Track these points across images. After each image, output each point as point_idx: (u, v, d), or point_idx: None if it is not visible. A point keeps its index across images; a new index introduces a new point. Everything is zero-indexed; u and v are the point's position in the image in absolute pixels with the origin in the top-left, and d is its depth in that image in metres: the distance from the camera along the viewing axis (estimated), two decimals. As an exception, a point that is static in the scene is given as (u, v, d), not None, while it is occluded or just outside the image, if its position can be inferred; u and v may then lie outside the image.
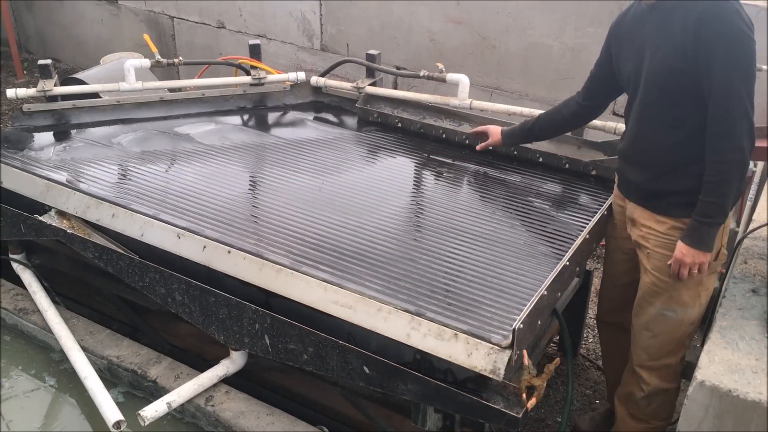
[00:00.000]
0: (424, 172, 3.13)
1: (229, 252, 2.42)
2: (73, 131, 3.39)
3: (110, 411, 2.36)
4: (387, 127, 3.48)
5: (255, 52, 3.85)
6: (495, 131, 2.96)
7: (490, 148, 3.02)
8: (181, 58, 3.69)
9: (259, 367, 2.67)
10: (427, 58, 4.80)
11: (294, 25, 5.40)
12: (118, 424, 2.31)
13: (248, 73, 3.77)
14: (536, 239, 2.54)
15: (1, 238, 2.95)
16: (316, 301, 2.25)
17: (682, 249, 2.20)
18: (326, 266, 2.36)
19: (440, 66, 3.33)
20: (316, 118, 3.63)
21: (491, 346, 1.99)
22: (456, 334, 2.04)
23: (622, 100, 2.47)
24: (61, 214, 2.79)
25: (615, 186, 2.57)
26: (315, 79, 3.77)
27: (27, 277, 2.99)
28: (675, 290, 2.32)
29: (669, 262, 2.26)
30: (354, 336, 2.22)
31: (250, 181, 3.01)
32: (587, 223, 2.57)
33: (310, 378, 2.56)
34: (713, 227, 2.17)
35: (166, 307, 2.55)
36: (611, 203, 2.63)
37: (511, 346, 1.98)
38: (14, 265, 3.06)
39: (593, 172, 2.97)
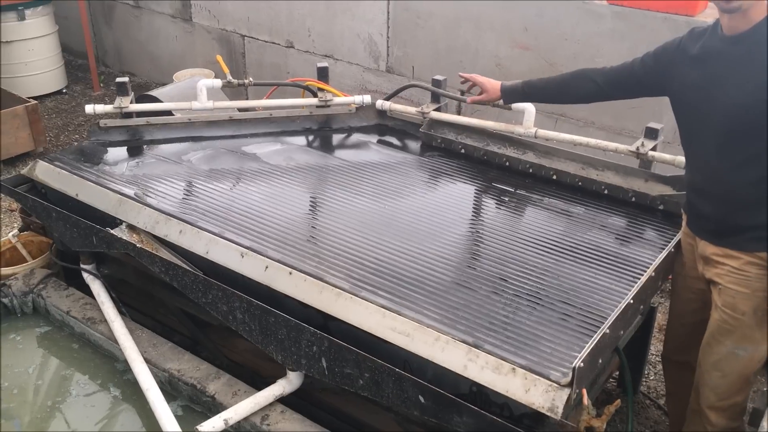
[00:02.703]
0: (485, 199, 3.11)
1: (290, 273, 2.46)
2: (146, 147, 3.51)
3: (169, 424, 2.42)
4: (450, 152, 3.49)
5: (323, 74, 3.91)
6: (492, 87, 2.96)
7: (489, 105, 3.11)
8: (251, 78, 3.78)
9: (314, 387, 2.69)
10: (492, 83, 4.78)
11: (361, 46, 5.47)
12: (176, 438, 2.37)
13: (315, 95, 3.83)
14: (599, 274, 2.49)
15: (74, 248, 3.06)
16: (374, 326, 2.26)
17: None
18: (385, 292, 2.37)
19: (506, 93, 3.31)
20: (379, 141, 3.66)
21: (550, 383, 1.97)
22: (514, 369, 2.02)
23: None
24: (132, 228, 2.88)
25: (684, 223, 2.51)
26: (380, 103, 3.81)
27: (96, 287, 3.10)
28: (748, 328, 2.26)
29: None
30: (410, 364, 2.22)
31: (313, 202, 3.05)
32: (653, 260, 2.52)
33: (363, 402, 2.57)
34: None
35: (226, 323, 2.60)
36: (680, 240, 2.56)
37: (570, 385, 1.95)
38: (84, 275, 3.17)
39: (661, 207, 2.90)
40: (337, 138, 3.73)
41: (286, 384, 2.56)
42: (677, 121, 2.42)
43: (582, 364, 1.96)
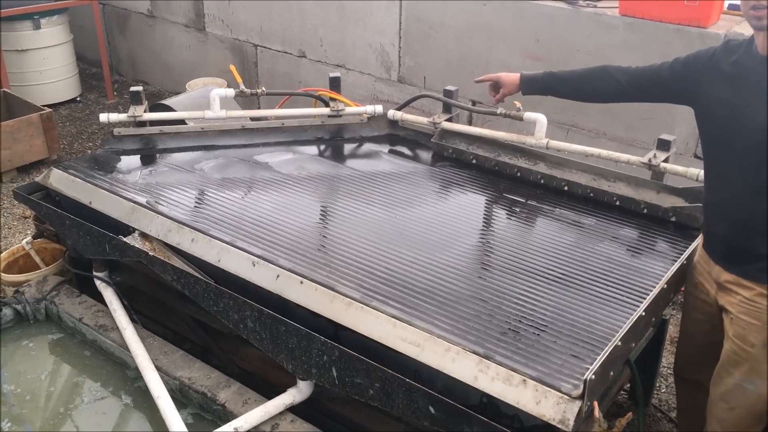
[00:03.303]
0: (497, 210, 3.11)
1: (301, 282, 2.47)
2: (159, 156, 3.53)
3: (180, 432, 2.43)
4: (461, 163, 3.49)
5: (335, 84, 3.93)
6: (510, 80, 2.93)
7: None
8: (263, 88, 3.80)
9: (324, 396, 2.70)
10: (503, 93, 4.79)
11: (373, 56, 5.50)
12: (186, 446, 2.37)
13: (327, 105, 3.85)
14: (611, 286, 2.49)
15: (87, 256, 3.09)
16: (384, 336, 2.26)
17: None
18: (396, 302, 2.38)
19: (518, 104, 3.32)
20: (391, 151, 3.67)
21: (561, 395, 1.96)
22: (525, 380, 2.01)
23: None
24: (144, 236, 2.90)
25: (701, 245, 2.48)
26: (392, 113, 3.82)
27: (108, 294, 3.11)
28: (757, 361, 2.21)
29: None
30: (421, 374, 2.22)
31: (324, 212, 3.06)
32: (665, 272, 2.50)
33: (374, 412, 2.57)
34: None
35: (237, 332, 2.61)
36: (695, 260, 2.51)
37: (581, 397, 1.94)
38: (97, 283, 3.19)
39: (673, 219, 2.89)
40: (348, 148, 3.74)
41: (297, 393, 2.57)
42: (700, 136, 2.35)
43: (593, 377, 1.96)
